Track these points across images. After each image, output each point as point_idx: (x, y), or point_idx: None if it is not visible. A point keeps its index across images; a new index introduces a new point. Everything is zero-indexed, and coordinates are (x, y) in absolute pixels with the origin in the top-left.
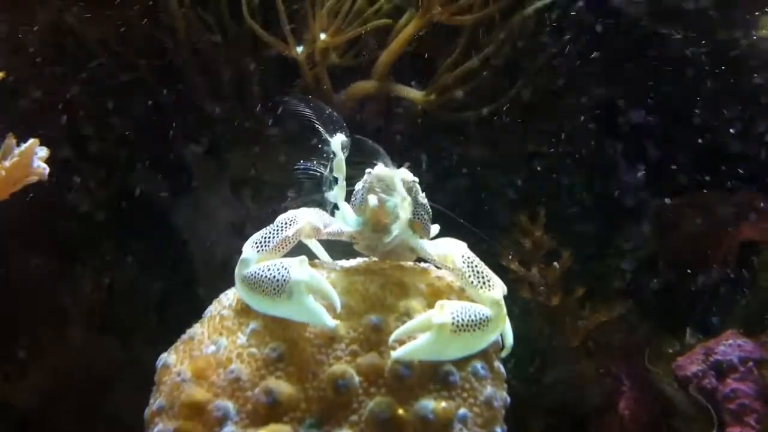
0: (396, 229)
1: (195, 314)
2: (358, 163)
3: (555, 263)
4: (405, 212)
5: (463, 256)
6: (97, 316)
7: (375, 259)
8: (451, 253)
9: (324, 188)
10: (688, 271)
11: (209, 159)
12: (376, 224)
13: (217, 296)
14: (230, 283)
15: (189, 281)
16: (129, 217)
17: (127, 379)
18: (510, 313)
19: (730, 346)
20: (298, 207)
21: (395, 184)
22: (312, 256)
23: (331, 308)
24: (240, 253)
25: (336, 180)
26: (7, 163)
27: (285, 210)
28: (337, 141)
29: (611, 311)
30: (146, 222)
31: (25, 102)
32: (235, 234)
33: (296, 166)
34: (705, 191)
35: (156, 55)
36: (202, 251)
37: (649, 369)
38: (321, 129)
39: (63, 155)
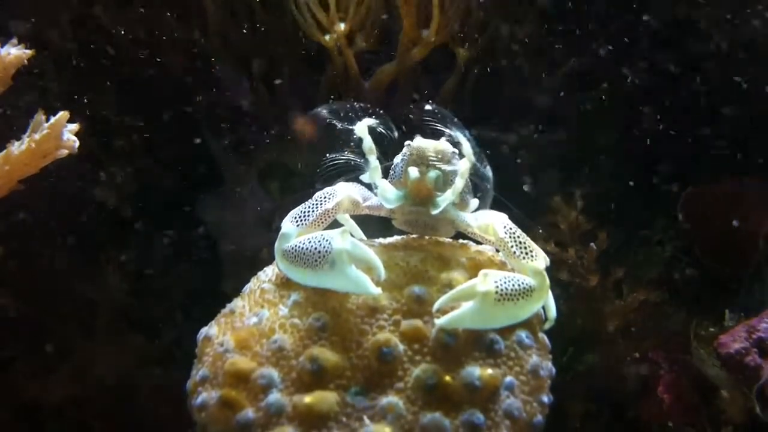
0: (445, 201)
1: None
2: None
3: (592, 244)
4: (456, 182)
5: (505, 227)
6: (124, 313)
7: (413, 235)
8: (493, 224)
9: (358, 174)
10: (725, 257)
11: (237, 151)
12: (417, 196)
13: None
14: None
15: (217, 275)
16: (156, 211)
17: (153, 376)
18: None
19: None
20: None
21: (438, 156)
22: None
23: (373, 278)
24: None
25: (368, 162)
26: (37, 136)
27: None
28: (362, 126)
29: (649, 293)
30: (173, 216)
31: (51, 95)
32: (264, 227)
33: (326, 159)
34: (741, 177)
35: (185, 46)
36: (230, 245)
37: (687, 352)
38: (341, 125)
39: (89, 150)
